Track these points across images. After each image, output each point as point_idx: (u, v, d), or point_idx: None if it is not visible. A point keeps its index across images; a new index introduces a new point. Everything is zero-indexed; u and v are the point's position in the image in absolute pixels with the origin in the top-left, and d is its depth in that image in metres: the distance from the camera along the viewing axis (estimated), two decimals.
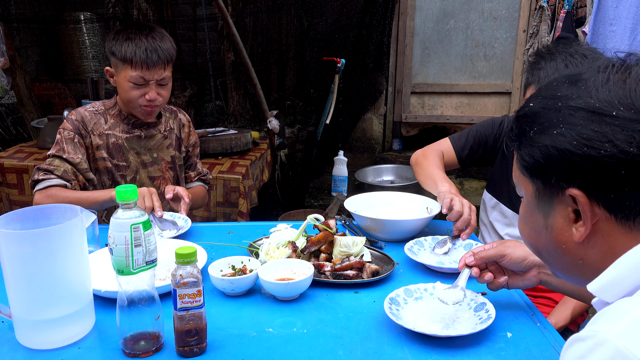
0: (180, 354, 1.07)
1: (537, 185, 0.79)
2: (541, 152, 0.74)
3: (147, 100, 1.81)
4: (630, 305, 0.64)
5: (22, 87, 3.66)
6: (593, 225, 0.73)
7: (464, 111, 4.87)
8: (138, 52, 1.75)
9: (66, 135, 1.84)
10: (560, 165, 0.72)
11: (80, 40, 4.37)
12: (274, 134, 3.47)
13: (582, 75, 0.75)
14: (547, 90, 0.78)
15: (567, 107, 0.72)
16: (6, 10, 3.97)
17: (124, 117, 1.92)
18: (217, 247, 1.61)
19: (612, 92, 0.70)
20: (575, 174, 0.71)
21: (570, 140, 0.70)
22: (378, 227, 1.65)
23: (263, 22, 4.42)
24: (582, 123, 0.70)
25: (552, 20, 3.75)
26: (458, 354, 1.08)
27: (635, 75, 0.71)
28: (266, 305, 1.28)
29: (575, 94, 0.73)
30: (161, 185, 2.01)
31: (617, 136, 0.67)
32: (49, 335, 1.09)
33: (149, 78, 1.79)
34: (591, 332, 0.63)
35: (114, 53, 1.80)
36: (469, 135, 1.88)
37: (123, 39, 1.77)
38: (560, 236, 0.78)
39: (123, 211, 1.03)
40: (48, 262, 1.05)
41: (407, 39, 4.71)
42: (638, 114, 0.68)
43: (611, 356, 0.60)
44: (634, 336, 0.60)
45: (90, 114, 1.89)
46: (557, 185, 0.74)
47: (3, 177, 2.84)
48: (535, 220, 0.82)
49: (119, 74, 1.82)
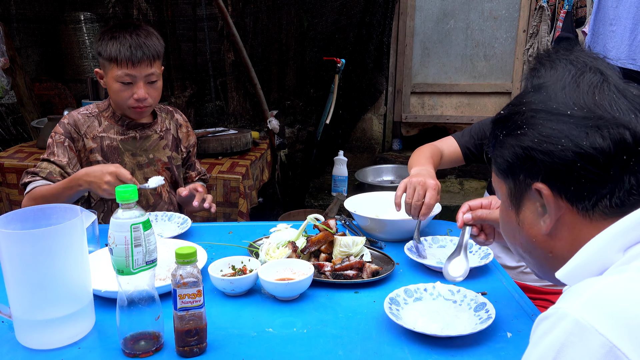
0: (180, 354, 1.07)
1: (509, 185, 0.86)
2: (509, 152, 0.82)
3: (136, 100, 1.80)
4: (591, 282, 0.68)
5: (22, 87, 3.66)
6: (559, 218, 0.79)
7: (464, 111, 4.87)
8: (122, 49, 1.74)
9: (57, 139, 1.84)
10: (525, 161, 0.80)
11: (80, 40, 4.37)
12: (274, 134, 3.47)
13: (545, 82, 0.83)
14: (516, 99, 0.87)
15: (530, 110, 0.81)
16: (6, 10, 3.97)
17: (118, 119, 1.91)
18: (217, 247, 1.61)
19: (567, 95, 0.79)
20: (538, 169, 0.78)
21: (532, 139, 0.78)
22: (378, 227, 1.65)
23: (263, 22, 4.42)
24: (541, 123, 0.78)
25: (552, 20, 3.75)
26: (458, 354, 1.08)
27: (588, 80, 0.79)
28: (266, 305, 1.28)
29: (538, 99, 0.81)
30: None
31: (572, 132, 0.75)
32: (49, 335, 1.09)
33: (136, 74, 1.77)
34: (554, 309, 0.67)
35: (100, 53, 1.80)
36: (472, 130, 1.89)
37: (108, 39, 1.77)
38: (530, 230, 0.85)
39: (123, 211, 1.03)
40: (48, 262, 1.05)
41: (407, 39, 4.71)
42: (589, 112, 0.75)
43: (571, 329, 0.63)
44: (592, 308, 0.64)
45: (83, 117, 1.89)
46: (524, 182, 0.82)
47: (3, 177, 2.84)
48: (510, 219, 0.89)
49: (107, 74, 1.82)
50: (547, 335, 0.65)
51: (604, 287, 0.66)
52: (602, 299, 0.64)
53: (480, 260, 1.47)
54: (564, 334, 0.63)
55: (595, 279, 0.70)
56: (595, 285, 0.67)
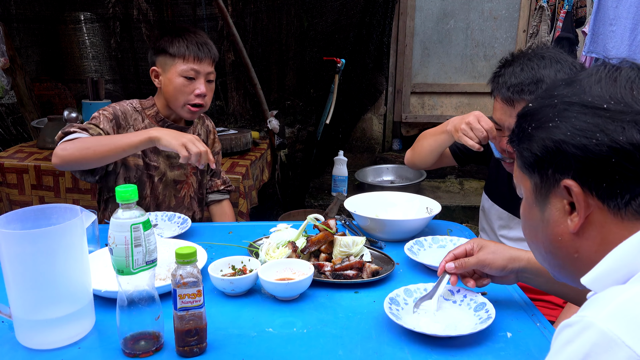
0: (180, 354, 1.07)
1: (535, 180, 0.82)
2: (538, 145, 0.79)
3: (196, 95, 1.84)
4: (618, 291, 0.66)
5: (22, 87, 3.65)
6: (587, 217, 0.76)
7: (464, 111, 4.87)
8: (190, 45, 1.83)
9: (106, 114, 1.83)
10: (556, 156, 0.76)
11: (80, 40, 4.37)
12: (274, 134, 3.47)
13: (577, 76, 0.80)
14: (545, 92, 0.83)
15: (562, 102, 0.77)
16: (6, 10, 3.96)
17: (160, 120, 1.92)
18: (217, 247, 1.61)
19: (603, 88, 0.75)
20: (569, 164, 0.75)
21: (564, 132, 0.75)
22: (378, 227, 1.64)
23: (263, 22, 4.41)
24: (575, 116, 0.75)
25: (552, 20, 3.75)
26: (458, 354, 1.08)
27: (625, 74, 0.76)
28: (266, 305, 1.28)
29: (570, 92, 0.78)
30: (183, 189, 2.03)
31: (608, 126, 0.72)
32: (49, 335, 1.09)
33: (200, 70, 1.84)
34: (578, 317, 0.65)
35: (164, 50, 1.84)
36: None
37: (173, 37, 1.85)
38: (556, 228, 0.81)
39: (123, 211, 1.03)
40: (48, 262, 1.05)
41: (407, 39, 4.71)
42: (627, 106, 0.72)
43: (596, 339, 0.61)
44: (619, 319, 0.62)
45: (132, 110, 1.90)
46: (553, 178, 0.78)
47: (3, 177, 2.84)
48: (533, 216, 0.85)
49: (168, 70, 1.85)
50: (571, 344, 0.64)
51: (631, 297, 0.64)
52: (630, 310, 0.62)
53: None
54: (588, 344, 0.62)
55: (622, 287, 0.67)
56: (623, 294, 0.65)
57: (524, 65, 1.50)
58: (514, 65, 1.52)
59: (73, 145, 1.68)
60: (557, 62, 1.48)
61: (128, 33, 4.35)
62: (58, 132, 1.83)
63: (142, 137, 1.67)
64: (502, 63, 1.59)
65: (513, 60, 1.55)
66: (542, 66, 1.48)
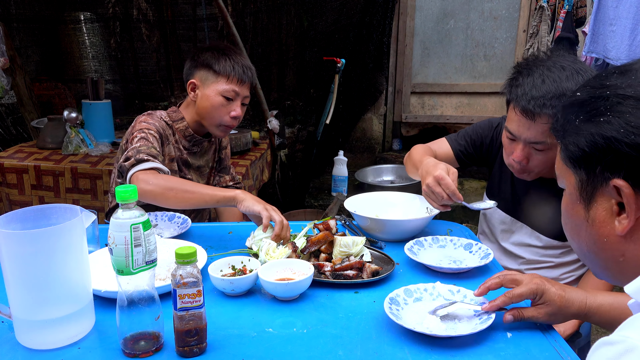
0: (180, 354, 1.07)
1: (580, 176, 0.76)
2: (586, 140, 0.72)
3: (232, 117, 1.85)
4: None
5: (22, 87, 3.66)
6: (637, 219, 0.70)
7: (464, 111, 4.88)
8: (236, 67, 1.83)
9: (152, 133, 1.78)
10: (606, 153, 0.70)
11: (80, 40, 4.37)
12: (274, 134, 3.47)
13: (633, 65, 0.74)
14: (595, 80, 0.76)
15: (616, 95, 0.71)
16: (6, 10, 3.97)
17: (189, 135, 1.91)
18: (217, 247, 1.61)
19: None
20: (620, 164, 0.69)
21: (617, 128, 0.68)
22: (378, 227, 1.64)
23: (263, 22, 4.42)
24: (630, 111, 0.68)
25: (552, 20, 3.75)
26: (458, 354, 1.08)
27: None
28: (266, 305, 1.28)
29: (625, 83, 0.71)
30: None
31: None
32: (49, 335, 1.09)
33: (239, 92, 1.84)
34: (621, 337, 0.61)
35: (209, 66, 1.83)
36: (466, 133, 1.87)
37: (220, 54, 1.84)
38: (602, 229, 0.75)
39: (123, 211, 1.03)
40: (48, 262, 1.05)
41: (407, 39, 4.71)
42: None
43: None
44: None
45: (165, 125, 1.87)
46: (602, 176, 0.72)
47: (3, 177, 2.84)
48: (576, 213, 0.80)
49: (208, 86, 1.83)
50: None
51: None
52: None
53: (480, 260, 1.47)
54: None
55: None
56: None
57: (545, 77, 1.43)
58: (533, 75, 1.46)
59: (157, 182, 1.60)
60: (578, 74, 1.42)
61: (128, 33, 4.35)
62: (135, 130, 1.76)
63: (228, 195, 1.58)
64: (518, 70, 1.53)
65: (530, 69, 1.48)
66: (563, 78, 1.42)
